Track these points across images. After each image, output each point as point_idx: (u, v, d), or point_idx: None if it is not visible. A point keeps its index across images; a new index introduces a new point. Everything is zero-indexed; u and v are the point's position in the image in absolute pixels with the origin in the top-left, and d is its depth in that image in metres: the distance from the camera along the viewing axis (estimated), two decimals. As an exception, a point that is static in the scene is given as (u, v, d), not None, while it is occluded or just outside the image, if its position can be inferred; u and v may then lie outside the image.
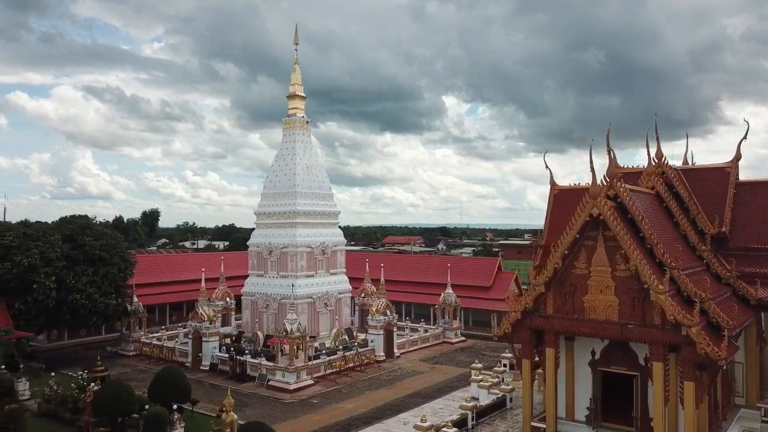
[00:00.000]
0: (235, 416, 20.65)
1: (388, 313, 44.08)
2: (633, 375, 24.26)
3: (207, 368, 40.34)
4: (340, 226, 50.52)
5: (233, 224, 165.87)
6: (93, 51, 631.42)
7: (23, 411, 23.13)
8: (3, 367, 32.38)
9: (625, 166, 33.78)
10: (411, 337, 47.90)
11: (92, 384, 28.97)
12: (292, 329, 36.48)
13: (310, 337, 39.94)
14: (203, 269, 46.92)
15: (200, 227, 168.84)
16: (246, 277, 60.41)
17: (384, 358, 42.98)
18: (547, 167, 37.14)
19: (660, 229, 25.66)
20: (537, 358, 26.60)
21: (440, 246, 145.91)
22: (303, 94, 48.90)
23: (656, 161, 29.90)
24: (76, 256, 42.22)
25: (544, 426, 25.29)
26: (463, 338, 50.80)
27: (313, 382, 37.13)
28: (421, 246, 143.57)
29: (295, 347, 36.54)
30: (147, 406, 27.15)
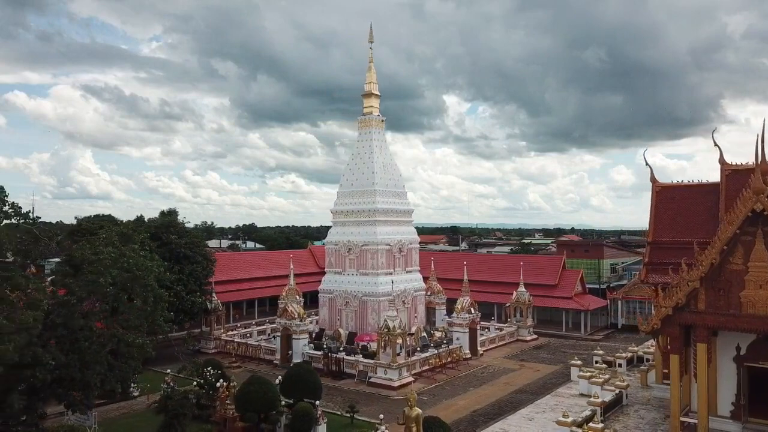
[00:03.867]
0: (420, 411, 20.68)
1: (472, 310, 44.20)
2: (785, 370, 24.42)
3: (299, 366, 40.31)
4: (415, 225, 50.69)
5: (254, 224, 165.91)
6: (91, 50, 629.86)
7: (190, 400, 23.30)
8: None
9: (734, 163, 34.11)
10: (490, 335, 48.00)
11: (222, 380, 28.97)
12: (394, 326, 36.52)
13: (409, 335, 39.99)
14: (291, 267, 46.84)
15: (219, 227, 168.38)
16: (304, 275, 60.82)
17: (470, 355, 43.06)
18: (647, 164, 37.32)
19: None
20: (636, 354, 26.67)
21: (463, 245, 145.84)
22: (378, 93, 48.94)
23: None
24: (162, 254, 42.09)
25: (689, 421, 25.43)
26: (535, 336, 50.93)
27: (413, 379, 37.23)
28: (444, 245, 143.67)
29: (395, 344, 36.60)
30: (283, 403, 27.27)
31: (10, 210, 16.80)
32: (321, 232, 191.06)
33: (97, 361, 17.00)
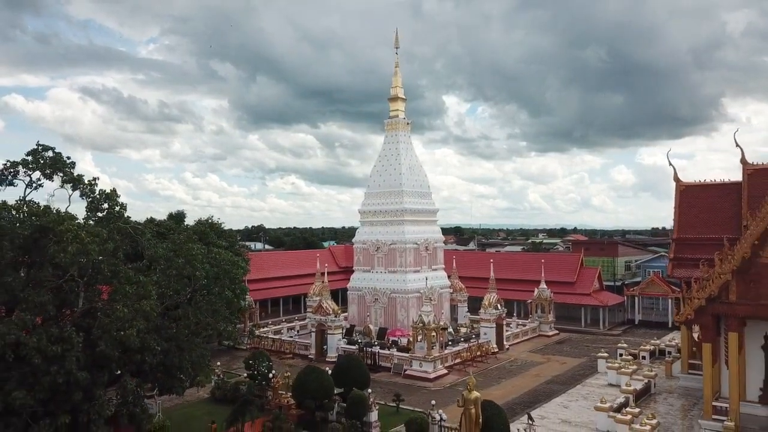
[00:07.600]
0: (479, 394, 22.23)
1: (499, 306, 45.83)
2: (811, 357, 26.03)
3: (334, 360, 41.83)
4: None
5: (262, 225, 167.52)
6: (89, 52, 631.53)
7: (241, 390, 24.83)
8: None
9: (756, 163, 35.78)
10: (513, 331, 49.63)
11: (273, 371, 30.60)
12: (429, 320, 38.12)
13: (442, 329, 41.56)
14: (326, 265, 48.44)
15: (227, 229, 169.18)
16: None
17: (497, 349, 44.65)
18: (670, 164, 39.05)
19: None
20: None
21: (471, 245, 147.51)
22: (404, 96, 50.59)
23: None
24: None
25: (720, 405, 27.01)
26: (556, 331, 52.56)
27: (447, 371, 38.84)
28: (452, 244, 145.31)
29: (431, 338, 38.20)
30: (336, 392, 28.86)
31: (122, 210, 18.43)
32: (325, 234, 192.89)
33: (192, 348, 18.61)
